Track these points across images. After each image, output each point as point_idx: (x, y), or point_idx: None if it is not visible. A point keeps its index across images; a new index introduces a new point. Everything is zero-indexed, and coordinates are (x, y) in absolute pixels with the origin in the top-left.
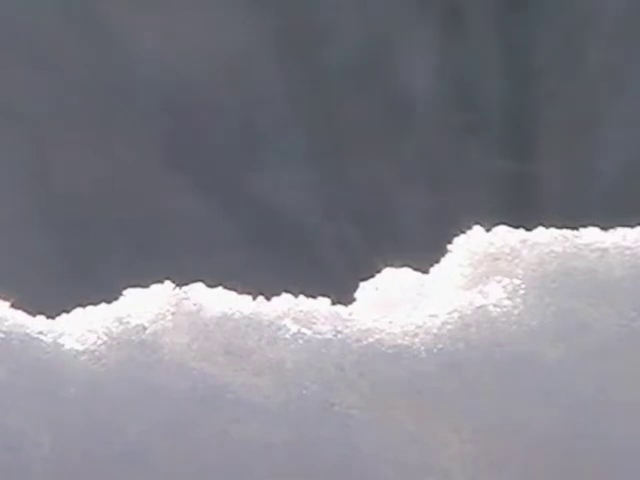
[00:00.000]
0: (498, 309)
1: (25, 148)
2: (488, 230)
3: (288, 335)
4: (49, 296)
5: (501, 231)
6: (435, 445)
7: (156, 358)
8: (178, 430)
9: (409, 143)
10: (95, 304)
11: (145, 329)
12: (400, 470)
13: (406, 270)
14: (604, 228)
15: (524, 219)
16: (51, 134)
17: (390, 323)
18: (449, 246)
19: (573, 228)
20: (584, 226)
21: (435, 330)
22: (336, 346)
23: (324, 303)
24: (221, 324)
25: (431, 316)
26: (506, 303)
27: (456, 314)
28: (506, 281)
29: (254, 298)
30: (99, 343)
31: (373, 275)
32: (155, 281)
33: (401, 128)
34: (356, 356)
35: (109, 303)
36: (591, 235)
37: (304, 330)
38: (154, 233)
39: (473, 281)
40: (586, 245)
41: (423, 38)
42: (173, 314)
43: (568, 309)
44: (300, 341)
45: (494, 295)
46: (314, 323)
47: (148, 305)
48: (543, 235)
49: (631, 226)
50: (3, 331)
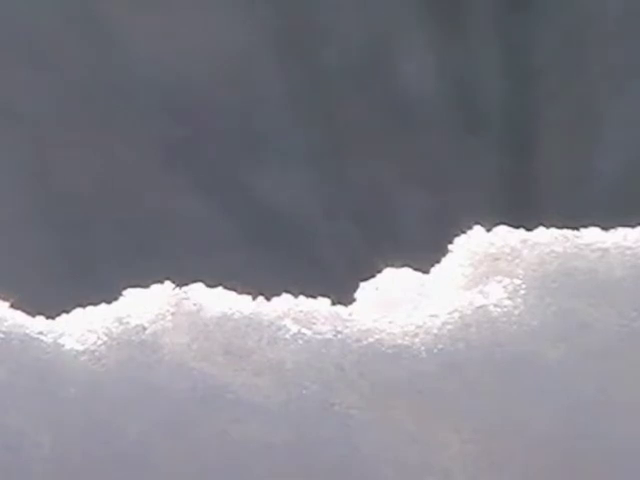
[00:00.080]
0: (498, 309)
1: (25, 148)
2: (488, 230)
3: (288, 335)
4: (49, 296)
5: (501, 231)
6: (435, 445)
7: (156, 358)
8: (178, 430)
9: (409, 143)
10: (95, 304)
11: (145, 329)
12: (400, 470)
13: (406, 270)
14: (605, 228)
15: (524, 219)
16: (51, 134)
17: (390, 323)
18: (449, 246)
19: (574, 228)
20: (585, 226)
21: (435, 330)
22: (336, 346)
23: (324, 303)
24: (221, 324)
25: (431, 316)
26: (506, 303)
27: (456, 314)
28: (506, 281)
29: (254, 298)
30: (99, 343)
31: (373, 275)
32: (155, 281)
33: (401, 128)
34: (356, 356)
35: (109, 303)
36: (592, 235)
37: (304, 330)
38: (154, 233)
39: (473, 281)
40: (587, 245)
41: (423, 38)
42: (173, 314)
43: (569, 309)
44: (300, 341)
45: (494, 295)
46: (314, 323)
47: (148, 305)
48: (543, 235)
49: (632, 226)
50: (3, 331)
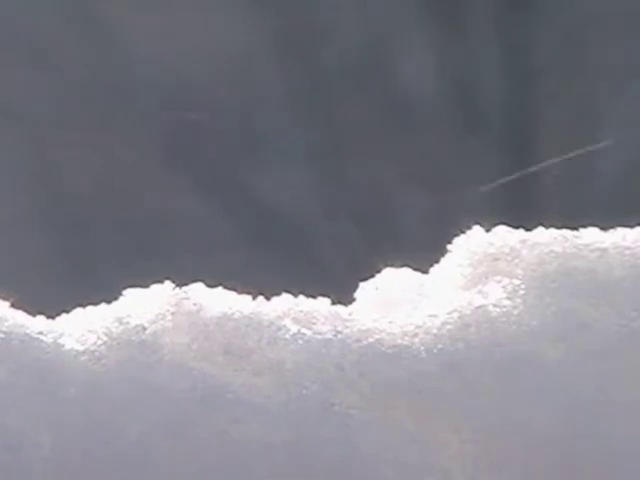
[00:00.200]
0: (498, 309)
1: (25, 148)
2: (488, 230)
3: (288, 335)
4: (49, 296)
5: (501, 231)
6: (435, 445)
7: (156, 358)
8: (178, 430)
9: (409, 143)
10: (95, 304)
11: (145, 329)
12: (400, 470)
13: (406, 270)
14: (604, 228)
15: (524, 219)
16: (51, 134)
17: (390, 323)
18: (449, 246)
19: (573, 228)
20: (584, 226)
21: (435, 330)
22: (336, 346)
23: (324, 303)
24: (221, 324)
25: (431, 316)
26: (506, 303)
27: (456, 314)
28: (506, 281)
29: (254, 298)
30: (99, 343)
31: (373, 275)
32: (155, 281)
33: (401, 128)
34: (356, 356)
35: (109, 303)
36: (591, 235)
37: (304, 330)
38: (154, 233)
39: (473, 281)
40: (586, 245)
41: (423, 38)
42: (173, 314)
43: (568, 309)
44: (300, 341)
45: (494, 295)
46: (314, 323)
47: (148, 305)
48: (543, 235)
49: (631, 226)
50: (3, 331)
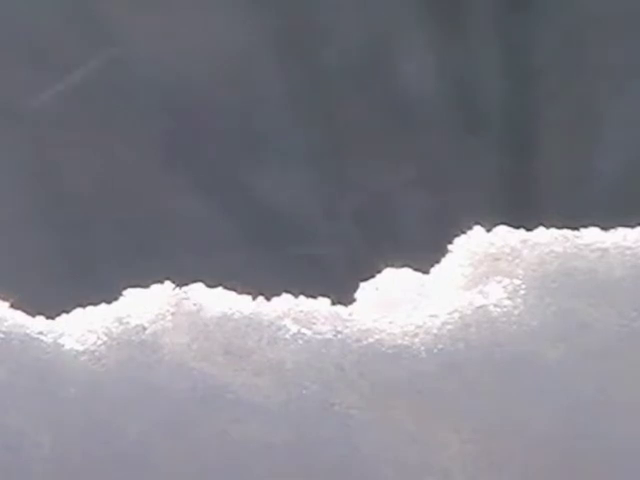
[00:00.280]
0: (498, 309)
1: (25, 148)
2: (488, 230)
3: (288, 335)
4: (49, 296)
5: (501, 231)
6: (435, 445)
7: (156, 358)
8: (178, 430)
9: (409, 143)
10: (95, 304)
11: (145, 329)
12: (400, 470)
13: (406, 270)
14: (604, 228)
15: (524, 219)
16: (51, 134)
17: (390, 323)
18: (449, 246)
19: (573, 228)
20: (584, 226)
21: (435, 330)
22: (336, 346)
23: (324, 303)
24: (221, 324)
25: (431, 316)
26: (506, 303)
27: (456, 314)
28: (506, 281)
29: (254, 298)
30: (99, 343)
31: (373, 275)
32: (155, 281)
33: (401, 128)
34: (356, 356)
35: (109, 303)
36: (591, 235)
37: (304, 330)
38: (154, 233)
39: (473, 281)
40: (586, 245)
41: (423, 38)
42: (173, 314)
43: (568, 309)
44: (300, 341)
45: (494, 295)
46: (314, 323)
47: (148, 305)
48: (543, 235)
49: (631, 226)
50: (3, 331)
